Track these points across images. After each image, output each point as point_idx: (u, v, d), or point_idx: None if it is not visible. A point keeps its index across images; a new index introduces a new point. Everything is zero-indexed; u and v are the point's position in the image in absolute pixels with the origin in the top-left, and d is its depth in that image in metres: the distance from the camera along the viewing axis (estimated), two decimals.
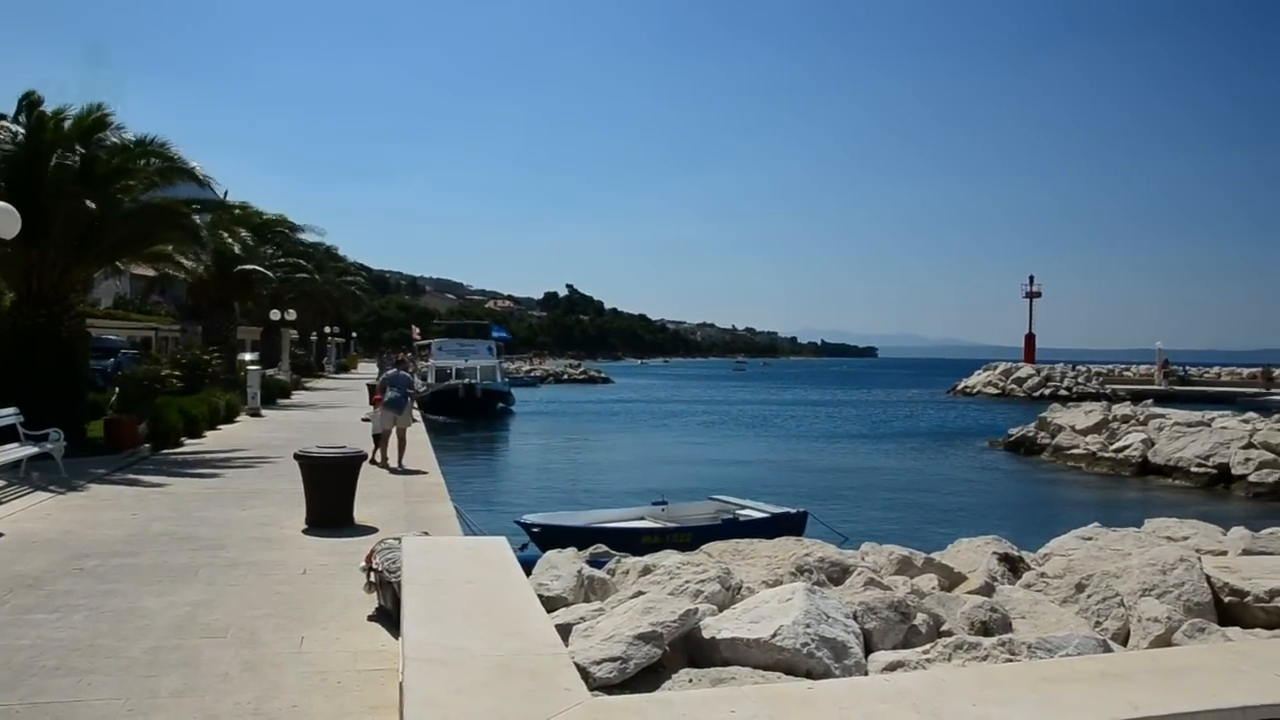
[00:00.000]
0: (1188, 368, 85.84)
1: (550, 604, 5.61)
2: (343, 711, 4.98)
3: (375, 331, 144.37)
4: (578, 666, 4.19)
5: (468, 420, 44.81)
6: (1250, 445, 26.58)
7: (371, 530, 10.13)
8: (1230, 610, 6.67)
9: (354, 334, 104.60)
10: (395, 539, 6.98)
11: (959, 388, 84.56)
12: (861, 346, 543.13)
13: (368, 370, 65.79)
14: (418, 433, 21.48)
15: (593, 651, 4.39)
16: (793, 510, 15.87)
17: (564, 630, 4.93)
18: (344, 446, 11.34)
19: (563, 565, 6.37)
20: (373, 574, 6.87)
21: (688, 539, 12.64)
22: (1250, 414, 30.78)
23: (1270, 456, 25.75)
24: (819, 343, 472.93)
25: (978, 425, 48.58)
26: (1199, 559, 7.03)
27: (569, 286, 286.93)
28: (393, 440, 16.48)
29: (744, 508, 16.20)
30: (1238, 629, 6.18)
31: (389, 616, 6.52)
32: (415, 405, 19.17)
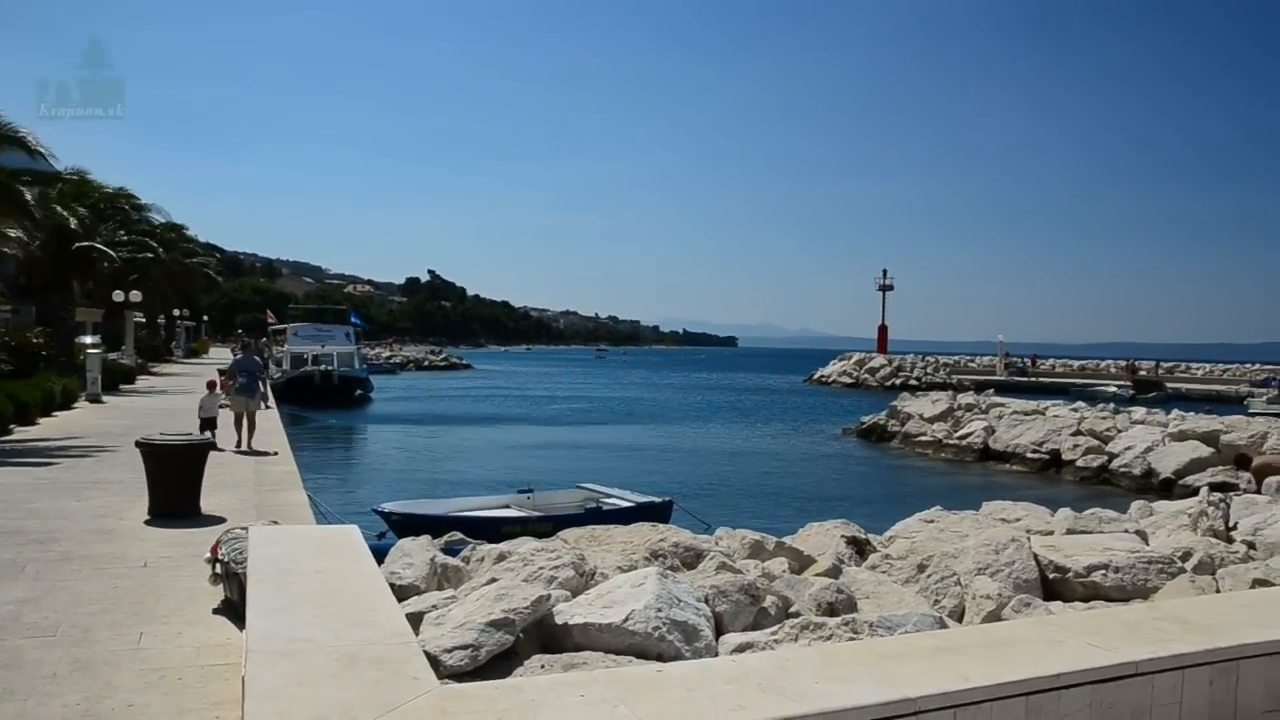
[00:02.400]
0: (1026, 360, 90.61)
1: (402, 593, 5.53)
2: (183, 709, 4.79)
3: (228, 315, 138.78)
4: (428, 655, 4.15)
5: (324, 408, 43.58)
6: (1079, 433, 28.36)
7: (220, 520, 9.73)
8: (1054, 586, 7.12)
9: (205, 318, 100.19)
10: (242, 528, 6.75)
11: (816, 377, 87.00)
12: (723, 336, 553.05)
13: (220, 356, 63.10)
14: (271, 419, 20.80)
15: (444, 639, 4.36)
16: (658, 499, 16.02)
17: (416, 619, 4.88)
18: (189, 433, 10.88)
19: (416, 553, 6.28)
20: (218, 565, 6.61)
21: (549, 528, 12.63)
22: (1079, 403, 32.81)
23: (1095, 443, 27.51)
24: (681, 332, 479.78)
25: (833, 414, 50.06)
26: (1028, 539, 7.46)
27: (431, 272, 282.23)
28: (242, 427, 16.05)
29: (611, 496, 16.27)
30: (1060, 603, 6.60)
31: (235, 609, 6.30)
32: (265, 390, 18.72)
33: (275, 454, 15.27)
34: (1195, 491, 12.90)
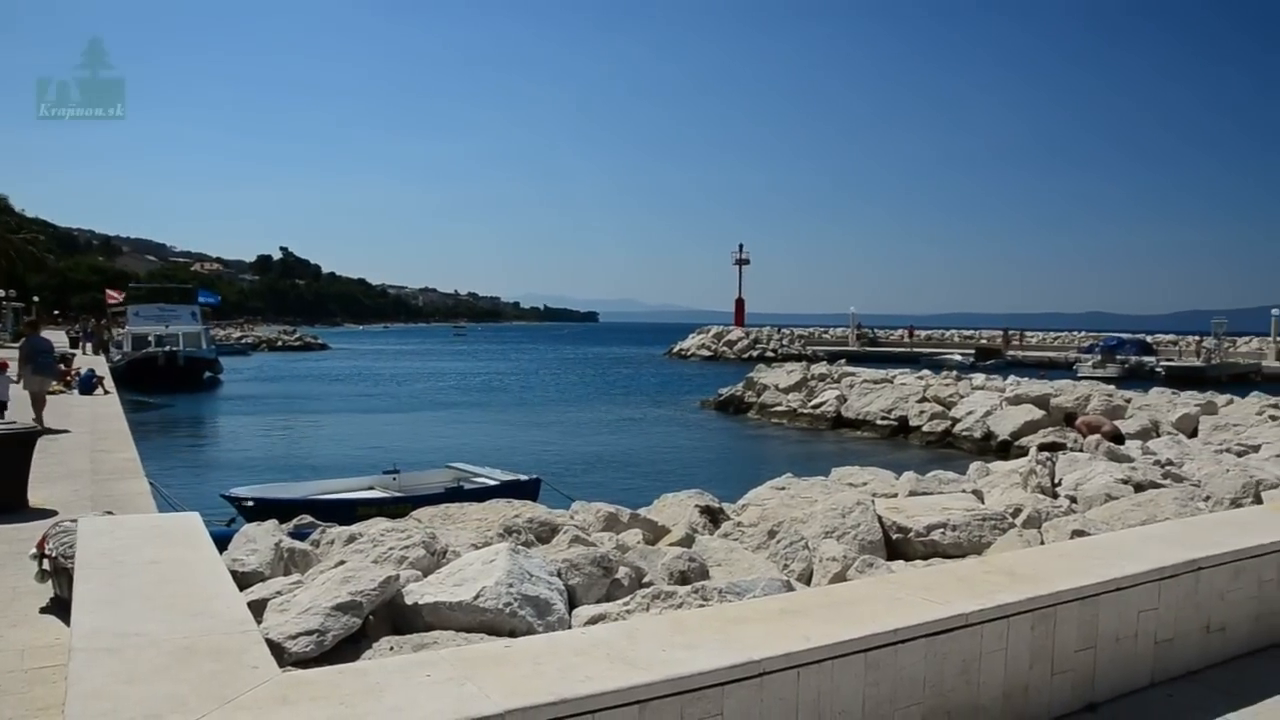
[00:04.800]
0: (876, 330, 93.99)
1: (245, 580, 5.35)
2: (3, 716, 4.52)
3: (62, 296, 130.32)
4: (272, 643, 4.03)
5: (170, 391, 41.57)
6: (924, 399, 29.65)
7: (51, 514, 9.18)
8: (898, 546, 7.43)
9: (35, 298, 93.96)
10: (72, 520, 6.38)
11: (675, 350, 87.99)
12: (583, 311, 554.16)
13: (53, 338, 59.17)
14: (111, 405, 19.82)
15: (288, 626, 4.24)
16: (525, 477, 15.96)
17: (260, 606, 4.72)
18: (13, 421, 10.21)
19: (260, 538, 6.07)
20: (46, 561, 6.24)
21: (408, 509, 12.43)
22: (925, 371, 34.28)
23: (940, 409, 28.82)
24: (542, 308, 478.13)
25: (692, 386, 50.81)
26: (873, 502, 7.76)
27: (283, 249, 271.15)
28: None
29: (479, 476, 16.11)
30: (902, 561, 6.89)
31: (66, 607, 5.95)
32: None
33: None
34: (1029, 452, 13.66)
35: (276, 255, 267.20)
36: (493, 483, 15.44)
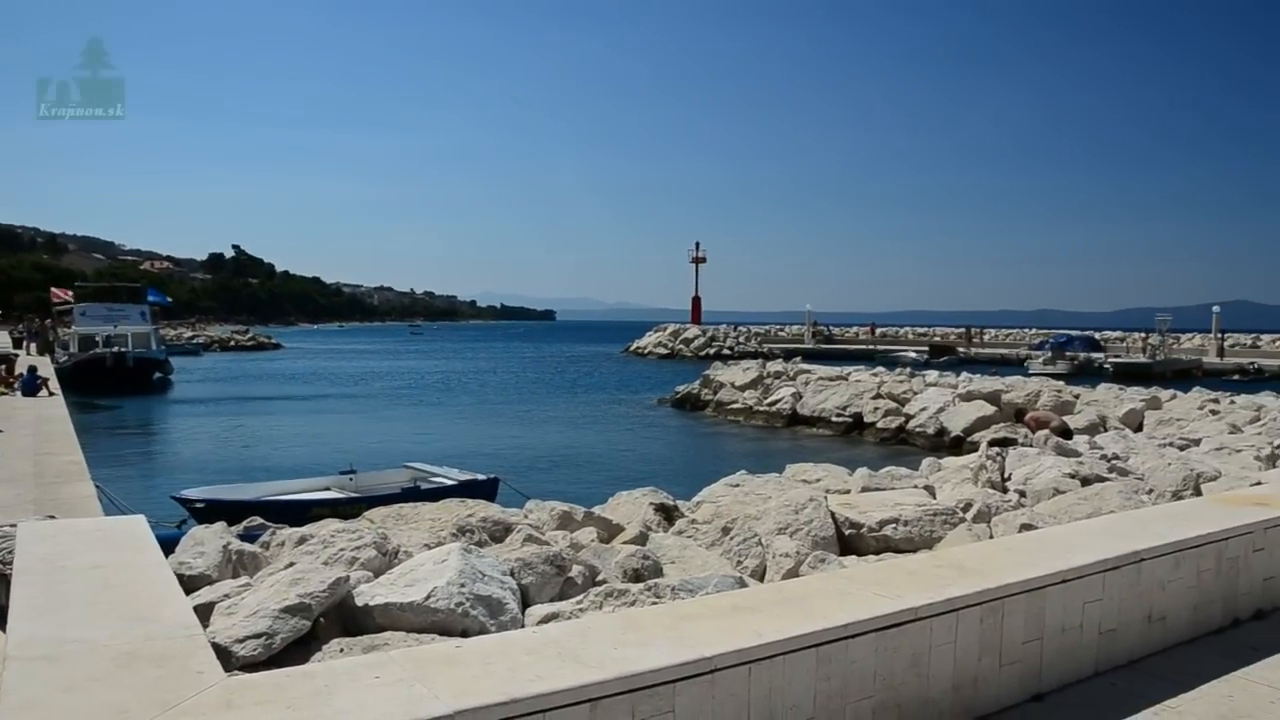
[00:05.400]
0: (831, 327, 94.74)
1: (193, 583, 5.26)
2: None
3: (4, 295, 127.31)
4: (219, 647, 3.97)
5: (119, 393, 40.76)
6: (879, 396, 29.92)
7: None
8: (850, 541, 7.49)
9: None
10: (11, 525, 6.23)
11: (632, 348, 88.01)
12: (541, 310, 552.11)
13: None
14: (56, 407, 19.39)
15: (235, 629, 4.18)
16: (482, 476, 15.84)
17: (207, 610, 4.65)
18: None
19: (209, 541, 5.97)
20: None
21: (361, 509, 12.30)
22: (879, 368, 34.62)
23: (894, 405, 29.11)
24: (499, 306, 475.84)
25: (649, 384, 50.86)
26: (826, 498, 7.81)
27: (236, 248, 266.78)
28: None
29: (436, 475, 15.98)
30: (854, 557, 6.95)
31: (4, 615, 5.81)
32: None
33: (61, 452, 14.28)
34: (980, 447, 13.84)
35: (229, 254, 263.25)
36: (450, 482, 15.32)
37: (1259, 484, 9.24)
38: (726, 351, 73.70)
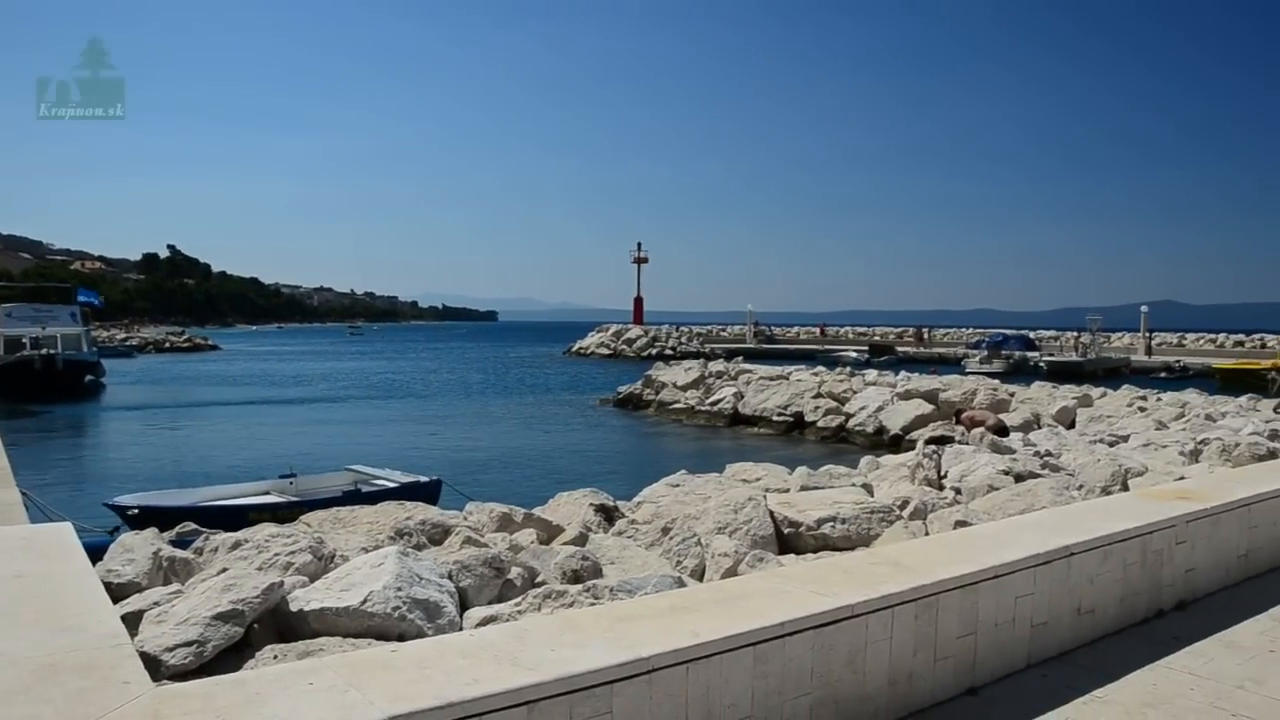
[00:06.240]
0: (773, 327, 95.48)
1: (121, 591, 5.14)
2: None
3: None
4: (148, 656, 3.88)
5: (48, 397, 39.65)
6: (819, 395, 30.22)
7: None
8: (789, 540, 7.55)
9: None
10: None
11: (575, 349, 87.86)
12: (483, 310, 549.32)
13: None
14: None
15: (165, 638, 4.09)
16: (425, 478, 15.68)
17: (136, 618, 4.55)
18: None
19: (138, 548, 5.83)
20: None
21: (299, 513, 12.10)
22: (820, 368, 34.99)
23: (834, 404, 29.43)
24: (440, 306, 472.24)
25: (591, 384, 50.79)
26: (765, 497, 7.87)
27: (171, 247, 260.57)
28: None
29: (378, 478, 15.79)
30: (793, 555, 7.01)
31: None
32: None
33: None
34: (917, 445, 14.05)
35: (164, 254, 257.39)
36: (392, 485, 15.14)
37: (1182, 479, 9.53)
38: (669, 352, 73.95)
